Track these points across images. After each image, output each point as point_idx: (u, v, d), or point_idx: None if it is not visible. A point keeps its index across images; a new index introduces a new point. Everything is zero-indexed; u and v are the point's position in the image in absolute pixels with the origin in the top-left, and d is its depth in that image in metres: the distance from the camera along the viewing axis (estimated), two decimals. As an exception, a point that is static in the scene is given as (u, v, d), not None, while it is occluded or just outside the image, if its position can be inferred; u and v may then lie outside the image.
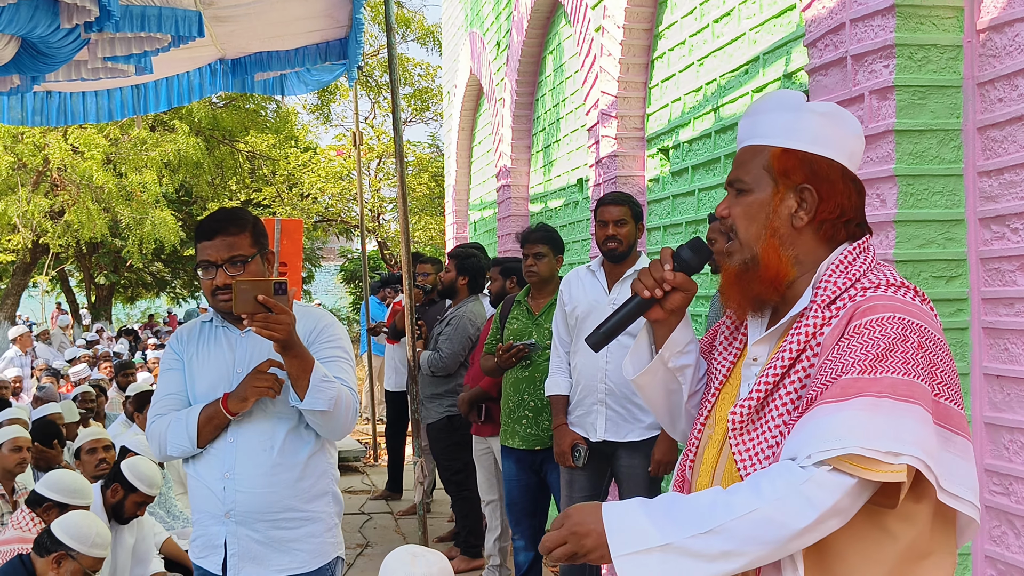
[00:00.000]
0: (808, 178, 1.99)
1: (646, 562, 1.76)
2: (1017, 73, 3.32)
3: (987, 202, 3.46)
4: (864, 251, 2.00)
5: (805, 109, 2.03)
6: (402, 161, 5.86)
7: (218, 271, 3.17)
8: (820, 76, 3.96)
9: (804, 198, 2.00)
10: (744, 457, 1.95)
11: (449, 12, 13.06)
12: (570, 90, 8.00)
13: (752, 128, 2.09)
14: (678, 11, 5.88)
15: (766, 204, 2.01)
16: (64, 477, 5.02)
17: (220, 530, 3.23)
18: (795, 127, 2.02)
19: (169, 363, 3.37)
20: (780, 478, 1.76)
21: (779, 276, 2.00)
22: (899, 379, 1.78)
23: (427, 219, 26.15)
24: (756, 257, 2.01)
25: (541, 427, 5.44)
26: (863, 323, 1.85)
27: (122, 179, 20.21)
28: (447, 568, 2.86)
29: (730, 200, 2.07)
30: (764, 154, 2.03)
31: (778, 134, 2.03)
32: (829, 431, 1.75)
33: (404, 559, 2.85)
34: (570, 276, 5.12)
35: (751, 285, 2.02)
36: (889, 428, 1.73)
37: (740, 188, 2.05)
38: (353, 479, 10.39)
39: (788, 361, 1.93)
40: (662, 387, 2.24)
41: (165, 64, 6.09)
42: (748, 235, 2.02)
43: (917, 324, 1.85)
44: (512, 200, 9.50)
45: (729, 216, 2.06)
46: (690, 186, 5.71)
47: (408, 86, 27.86)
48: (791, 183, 2.00)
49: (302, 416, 3.22)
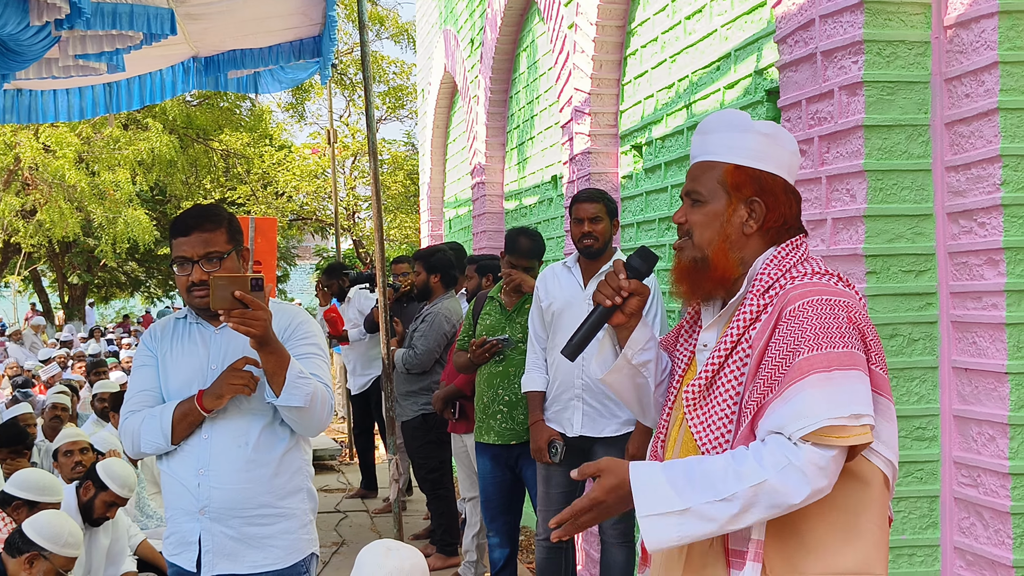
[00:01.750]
0: (757, 192, 2.28)
1: (666, 522, 2.03)
2: (983, 69, 3.36)
3: (955, 197, 3.50)
4: (795, 247, 2.29)
5: (751, 130, 2.30)
6: (375, 159, 5.86)
7: (194, 267, 3.17)
8: (790, 72, 3.99)
9: (753, 209, 2.28)
10: (699, 430, 2.22)
11: (423, 10, 13.04)
12: (544, 87, 8.01)
13: (704, 145, 2.35)
14: (650, 8, 5.90)
15: (720, 214, 2.29)
16: (31, 475, 5.00)
17: (194, 527, 3.23)
18: (743, 145, 2.29)
19: (143, 360, 3.36)
20: (779, 450, 2.02)
21: (726, 274, 2.29)
22: (841, 351, 2.07)
23: (402, 217, 26.11)
24: (706, 258, 2.29)
25: (516, 421, 5.44)
26: (796, 307, 2.12)
27: (95, 178, 20.10)
28: (421, 563, 2.87)
29: (686, 209, 2.35)
30: (717, 170, 2.30)
31: (728, 152, 2.30)
32: (799, 411, 2.02)
33: (379, 553, 2.85)
34: (546, 272, 5.13)
35: (700, 281, 2.31)
36: (844, 395, 2.03)
37: (696, 199, 2.32)
38: (328, 477, 10.38)
39: (730, 344, 2.21)
40: (630, 381, 2.50)
41: (137, 62, 6.06)
42: (702, 240, 2.30)
43: (842, 301, 2.13)
44: (487, 197, 9.50)
45: (686, 223, 2.34)
46: (663, 182, 5.73)
47: (382, 84, 27.81)
48: (742, 196, 2.28)
49: (277, 412, 3.22)
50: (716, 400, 2.21)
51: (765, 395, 2.09)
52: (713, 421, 2.20)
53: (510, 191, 9.26)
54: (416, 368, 6.77)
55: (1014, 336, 3.31)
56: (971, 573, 3.44)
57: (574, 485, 5.04)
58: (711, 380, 2.23)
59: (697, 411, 2.23)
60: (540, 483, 5.08)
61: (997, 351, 3.33)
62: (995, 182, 3.32)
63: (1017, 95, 3.31)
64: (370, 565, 2.81)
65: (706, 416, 2.21)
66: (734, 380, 2.19)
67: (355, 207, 27.01)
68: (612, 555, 4.95)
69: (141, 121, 21.67)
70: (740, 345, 2.20)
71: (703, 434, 2.21)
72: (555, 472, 4.99)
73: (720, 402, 2.20)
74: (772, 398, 2.07)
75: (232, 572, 3.24)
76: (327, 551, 7.34)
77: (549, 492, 5.04)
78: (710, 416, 2.21)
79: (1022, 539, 3.28)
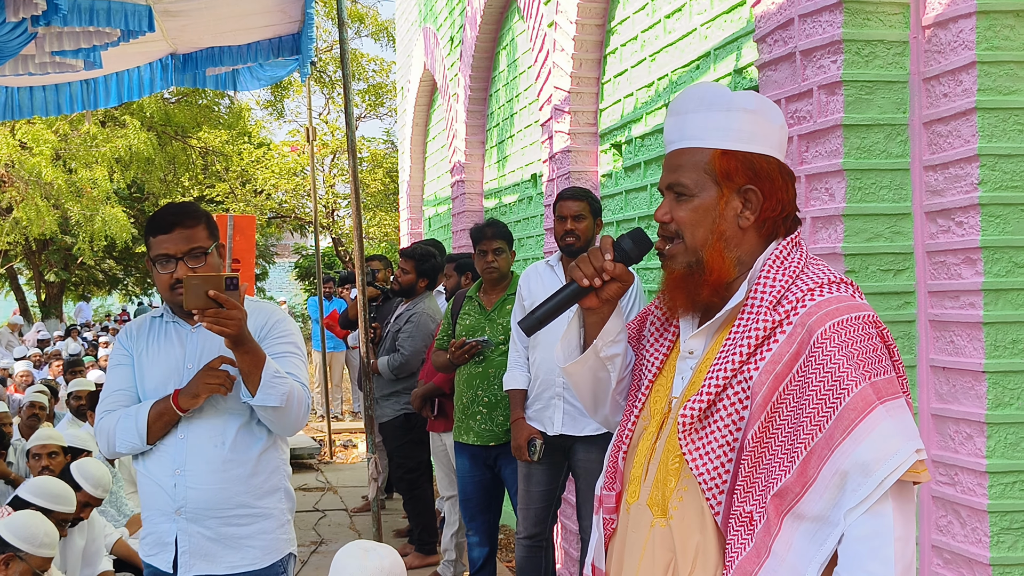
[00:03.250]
0: (751, 179, 2.01)
1: None
2: (961, 69, 3.37)
3: (933, 196, 3.51)
4: (796, 246, 2.05)
5: (735, 107, 2.02)
6: (354, 157, 5.84)
7: (178, 264, 3.15)
8: (770, 71, 3.99)
9: (748, 199, 2.02)
10: (695, 456, 1.97)
11: (403, 7, 13.02)
12: (523, 85, 8.01)
13: (681, 129, 2.07)
14: (630, 7, 5.90)
15: (711, 208, 2.01)
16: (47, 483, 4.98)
17: (171, 527, 3.21)
18: (729, 127, 2.01)
19: (118, 359, 3.33)
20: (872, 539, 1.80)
21: (722, 278, 2.02)
22: (884, 379, 1.86)
23: (382, 215, 26.08)
24: (701, 261, 2.02)
25: (496, 422, 5.45)
26: (828, 329, 1.88)
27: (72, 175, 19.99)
28: (398, 562, 2.87)
29: (670, 205, 2.06)
30: (702, 157, 2.02)
31: (712, 136, 2.02)
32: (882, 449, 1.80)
33: (355, 554, 2.85)
34: (529, 271, 5.14)
35: (697, 289, 2.03)
36: (909, 427, 1.84)
37: (681, 193, 2.04)
38: (307, 476, 10.35)
39: (737, 363, 1.95)
40: (591, 374, 2.24)
41: (115, 59, 6.02)
42: (695, 240, 2.02)
43: (870, 317, 1.91)
44: (466, 196, 9.49)
45: (672, 221, 2.05)
46: (643, 181, 5.73)
47: (362, 81, 27.77)
48: (734, 185, 2.01)
49: (254, 412, 3.20)
50: (716, 425, 1.96)
51: (814, 434, 1.84)
52: (712, 448, 1.96)
53: (490, 189, 9.26)
54: (404, 371, 6.75)
55: (991, 335, 3.32)
56: (948, 571, 3.45)
57: (554, 483, 5.04)
58: (712, 402, 1.96)
59: (693, 435, 1.98)
60: (520, 481, 5.08)
61: (975, 350, 3.35)
62: (973, 181, 3.33)
63: (995, 95, 3.32)
64: (351, 568, 2.80)
65: (704, 442, 1.96)
66: (738, 403, 1.94)
67: (334, 205, 26.96)
68: (591, 554, 4.95)
69: (119, 118, 21.56)
70: (747, 365, 1.94)
71: (700, 462, 1.96)
72: (535, 470, 4.99)
73: (722, 427, 1.95)
74: (838, 439, 1.82)
75: (209, 573, 3.21)
76: (305, 550, 7.32)
77: (530, 490, 5.04)
78: (708, 442, 1.96)
79: (999, 537, 3.29)
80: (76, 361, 11.24)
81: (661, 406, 2.10)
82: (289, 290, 38.55)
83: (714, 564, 1.95)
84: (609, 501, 2.17)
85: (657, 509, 2.03)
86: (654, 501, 2.04)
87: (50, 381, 11.16)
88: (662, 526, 2.01)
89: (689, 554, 1.97)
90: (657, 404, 2.11)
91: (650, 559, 2.01)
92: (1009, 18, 3.34)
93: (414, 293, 6.91)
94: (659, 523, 2.02)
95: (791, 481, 1.85)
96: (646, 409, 2.14)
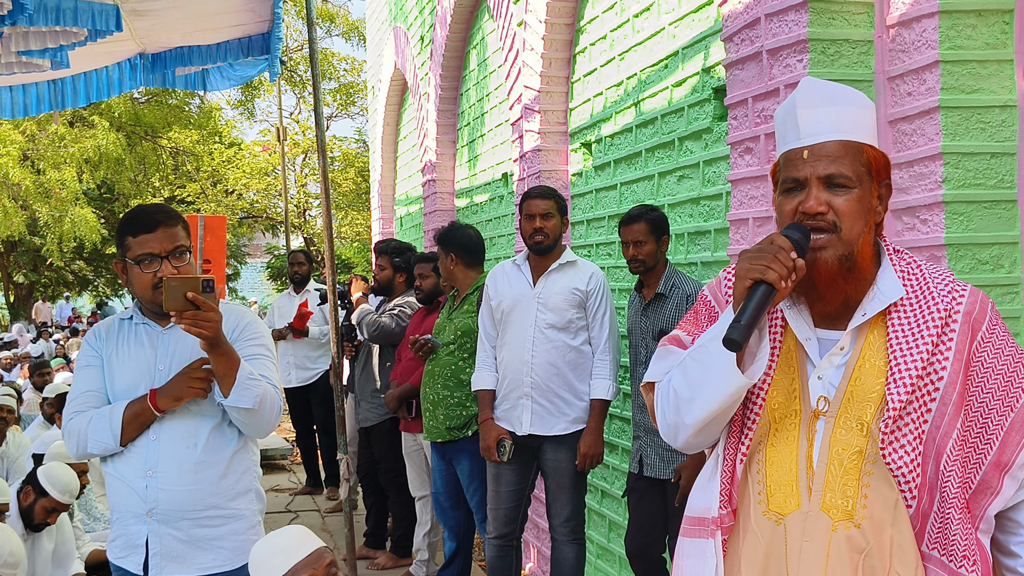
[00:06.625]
0: (888, 174, 2.08)
1: None
2: (925, 68, 3.41)
3: (899, 194, 3.55)
4: (889, 242, 2.13)
5: (866, 104, 2.08)
6: (324, 156, 5.83)
7: (163, 263, 3.14)
8: (737, 70, 4.02)
9: (882, 194, 2.08)
10: (899, 465, 1.96)
11: (373, 7, 13.00)
12: (494, 85, 8.02)
13: (835, 121, 2.05)
14: (599, 6, 5.92)
15: (867, 201, 2.03)
16: None
17: (141, 529, 3.19)
18: (867, 122, 2.07)
19: (87, 360, 3.31)
20: None
21: (868, 272, 2.05)
22: None
23: (354, 215, 26.04)
24: (852, 254, 2.01)
25: (437, 420, 5.51)
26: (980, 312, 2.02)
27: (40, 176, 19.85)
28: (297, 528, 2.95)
29: (823, 195, 2.02)
30: (859, 151, 2.03)
31: (859, 130, 2.05)
32: None
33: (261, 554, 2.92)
34: (496, 270, 5.14)
35: (851, 282, 2.03)
36: None
37: (842, 184, 2.01)
38: (279, 477, 10.32)
39: (925, 359, 1.97)
40: None
41: (83, 58, 5.98)
42: (852, 232, 2.01)
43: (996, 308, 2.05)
44: (438, 195, 9.50)
45: (828, 212, 2.01)
46: (612, 180, 5.76)
47: (333, 81, 27.72)
48: (880, 179, 2.06)
49: (226, 413, 3.20)
50: (908, 418, 1.97)
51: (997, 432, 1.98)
52: (905, 444, 1.96)
53: (461, 188, 9.26)
54: (378, 336, 6.59)
55: (956, 331, 3.36)
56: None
57: (524, 483, 5.05)
58: (904, 407, 1.96)
59: (894, 443, 1.96)
60: (490, 482, 5.09)
61: (939, 346, 3.38)
62: (937, 179, 3.37)
63: (957, 94, 3.36)
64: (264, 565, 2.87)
65: (896, 440, 1.96)
66: (927, 397, 1.97)
67: (306, 205, 26.89)
68: (562, 552, 4.97)
69: (87, 118, 21.42)
70: (935, 357, 1.98)
71: (898, 461, 1.95)
72: (504, 470, 5.00)
73: (911, 421, 1.97)
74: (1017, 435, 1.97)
75: (180, 575, 3.21)
76: (278, 551, 7.27)
77: (499, 491, 5.05)
78: (900, 438, 1.96)
79: None
80: (42, 363, 11.13)
81: (792, 407, 2.06)
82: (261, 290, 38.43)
83: (913, 557, 1.95)
84: (729, 520, 2.08)
85: (838, 513, 1.98)
86: (832, 505, 1.98)
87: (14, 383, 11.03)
88: (846, 528, 1.96)
89: (885, 550, 1.95)
90: (783, 406, 2.07)
91: (837, 564, 1.95)
92: (971, 18, 3.38)
93: (393, 289, 6.86)
94: (843, 526, 1.97)
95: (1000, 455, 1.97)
96: (764, 414, 2.08)
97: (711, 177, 4.71)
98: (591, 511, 5.90)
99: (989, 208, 3.37)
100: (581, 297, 4.87)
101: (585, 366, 4.89)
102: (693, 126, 4.85)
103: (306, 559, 2.84)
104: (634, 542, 4.72)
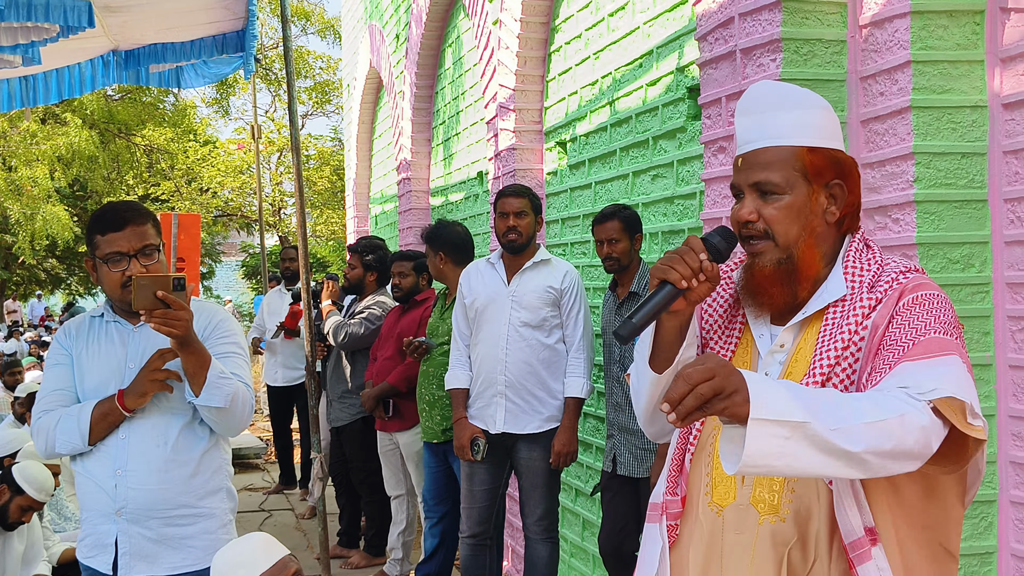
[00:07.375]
0: (837, 174, 2.06)
1: (775, 433, 1.67)
2: (897, 68, 3.42)
3: (871, 193, 3.56)
4: (865, 241, 2.11)
5: (812, 105, 2.07)
6: (298, 154, 5.81)
7: (131, 262, 3.12)
8: (711, 69, 4.03)
9: (834, 194, 2.06)
10: None
11: (348, 5, 12.97)
12: (469, 83, 8.01)
13: (762, 128, 2.07)
14: (574, 5, 5.93)
15: (803, 206, 2.04)
16: None
17: (111, 528, 3.17)
18: (811, 124, 2.06)
19: (56, 358, 3.29)
20: (898, 399, 1.78)
21: (812, 273, 2.06)
22: (963, 350, 1.92)
23: (329, 213, 25.97)
24: (792, 258, 2.04)
25: (433, 421, 5.52)
26: (919, 296, 1.96)
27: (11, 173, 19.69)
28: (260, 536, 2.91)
29: (755, 203, 2.06)
30: (790, 155, 2.04)
31: (796, 133, 2.05)
32: (929, 378, 1.81)
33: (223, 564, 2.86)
34: (469, 269, 5.14)
35: (789, 285, 2.06)
36: (971, 389, 1.84)
37: (769, 191, 2.05)
38: (253, 476, 10.28)
39: (840, 349, 1.98)
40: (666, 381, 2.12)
41: (54, 55, 5.93)
42: (788, 237, 2.04)
43: (947, 299, 1.99)
44: (413, 193, 9.48)
45: (759, 219, 2.05)
46: (587, 179, 5.76)
47: (308, 79, 27.63)
48: (823, 181, 2.05)
49: (196, 412, 3.18)
50: None
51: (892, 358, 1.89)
52: None
53: (436, 187, 9.25)
54: (348, 343, 6.57)
55: (927, 330, 3.37)
56: None
57: (497, 482, 5.05)
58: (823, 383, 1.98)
59: None
60: (463, 480, 5.09)
61: (911, 344, 3.39)
62: (908, 179, 3.39)
63: (929, 94, 3.38)
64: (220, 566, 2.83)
65: None
66: (845, 378, 1.98)
67: (281, 203, 26.80)
68: (536, 551, 4.97)
69: (60, 116, 21.26)
70: (848, 349, 1.98)
71: None
72: (478, 469, 5.00)
73: None
74: (902, 359, 1.87)
75: (150, 574, 3.18)
76: (251, 551, 7.25)
77: (472, 490, 5.05)
78: None
79: None
80: (14, 362, 11.03)
81: None
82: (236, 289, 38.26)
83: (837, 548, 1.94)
84: (675, 507, 2.12)
85: (764, 507, 2.01)
86: (760, 499, 2.02)
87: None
88: (772, 522, 1.99)
89: (810, 543, 1.97)
90: None
91: (762, 557, 1.99)
92: (943, 18, 3.40)
93: (364, 288, 6.82)
94: (768, 519, 2.00)
95: None
96: None
97: (685, 176, 4.72)
98: (565, 509, 5.90)
99: (960, 208, 3.39)
100: (555, 295, 4.87)
101: (559, 364, 4.90)
102: (667, 125, 4.86)
103: (270, 570, 2.75)
104: (607, 541, 4.73)
